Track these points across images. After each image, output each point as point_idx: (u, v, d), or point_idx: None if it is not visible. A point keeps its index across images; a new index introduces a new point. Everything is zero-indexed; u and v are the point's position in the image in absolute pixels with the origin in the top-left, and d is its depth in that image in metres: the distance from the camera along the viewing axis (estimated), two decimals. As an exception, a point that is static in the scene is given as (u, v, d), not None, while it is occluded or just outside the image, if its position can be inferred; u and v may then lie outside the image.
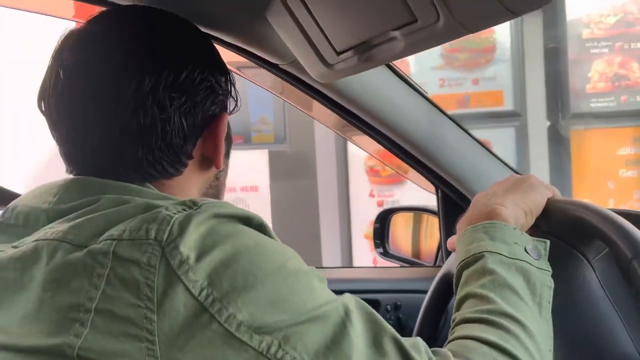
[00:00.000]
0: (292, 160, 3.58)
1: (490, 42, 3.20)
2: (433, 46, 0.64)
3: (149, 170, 0.62)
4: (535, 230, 0.75)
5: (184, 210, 0.53)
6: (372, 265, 3.12)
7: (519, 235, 0.66)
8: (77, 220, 0.55)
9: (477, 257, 0.64)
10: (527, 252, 0.65)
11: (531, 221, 0.71)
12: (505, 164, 1.18)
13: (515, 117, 3.21)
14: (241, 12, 0.87)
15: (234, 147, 0.77)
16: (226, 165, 0.73)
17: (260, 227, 0.56)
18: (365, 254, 3.41)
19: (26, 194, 0.64)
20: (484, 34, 3.20)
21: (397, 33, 0.65)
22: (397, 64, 1.03)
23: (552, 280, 0.66)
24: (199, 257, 0.51)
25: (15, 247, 0.57)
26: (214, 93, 0.65)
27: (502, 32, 3.21)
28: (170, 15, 0.68)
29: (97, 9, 0.73)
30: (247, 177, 3.41)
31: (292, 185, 3.57)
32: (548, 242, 0.68)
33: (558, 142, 3.24)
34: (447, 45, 3.24)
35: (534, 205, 0.71)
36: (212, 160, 0.67)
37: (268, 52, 0.96)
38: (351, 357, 0.50)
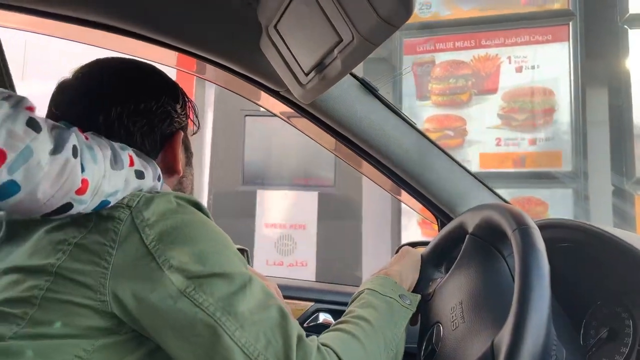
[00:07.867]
0: (339, 202, 3.76)
1: (550, 104, 3.22)
2: (359, 61, 0.79)
3: None
4: (465, 232, 0.87)
5: (153, 192, 0.77)
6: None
7: (397, 287, 0.94)
8: None
9: (363, 291, 0.93)
10: (399, 297, 0.92)
11: (412, 275, 0.99)
12: (493, 191, 1.26)
13: (574, 178, 3.16)
14: (242, 45, 1.07)
15: (288, 188, 0.98)
16: (190, 173, 0.95)
17: (207, 214, 0.78)
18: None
19: None
20: (543, 95, 3.23)
21: (335, 52, 0.80)
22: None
23: (409, 316, 0.90)
24: (156, 221, 0.72)
25: None
26: (169, 117, 0.87)
27: (562, 93, 3.22)
28: (134, 62, 0.90)
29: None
30: (298, 216, 3.65)
31: (338, 225, 3.77)
32: (419, 296, 0.95)
33: (622, 206, 3.13)
34: (505, 105, 3.31)
35: (408, 266, 1.01)
36: (173, 168, 0.88)
37: (268, 80, 1.15)
38: (239, 306, 0.70)
